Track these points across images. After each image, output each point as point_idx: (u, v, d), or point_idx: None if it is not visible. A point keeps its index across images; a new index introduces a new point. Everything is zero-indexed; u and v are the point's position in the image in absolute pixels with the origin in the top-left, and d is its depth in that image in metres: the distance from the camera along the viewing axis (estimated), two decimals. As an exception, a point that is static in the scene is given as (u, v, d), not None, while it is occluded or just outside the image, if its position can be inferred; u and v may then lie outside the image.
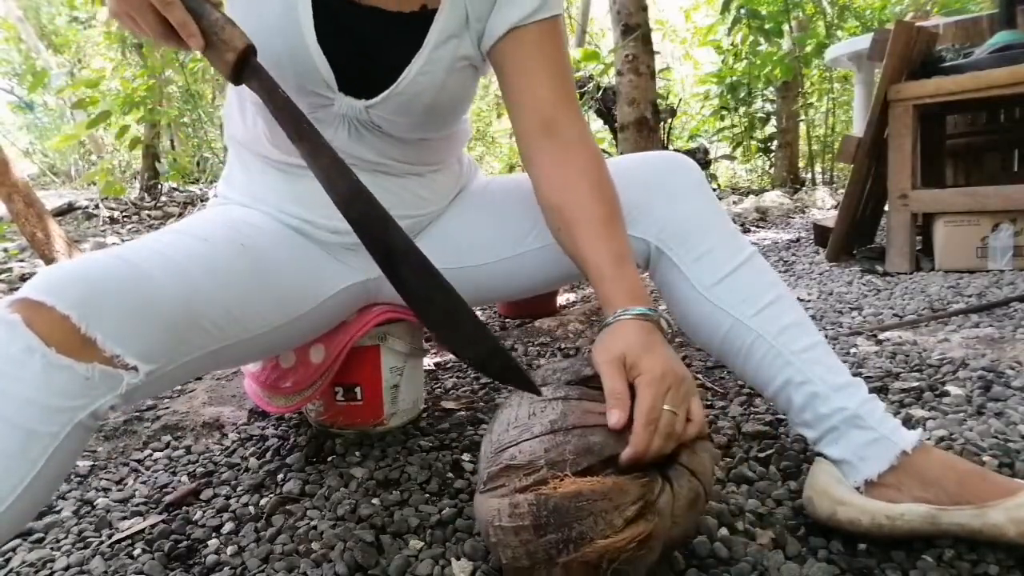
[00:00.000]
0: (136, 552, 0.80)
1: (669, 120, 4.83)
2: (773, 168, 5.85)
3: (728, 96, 5.64)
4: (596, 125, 5.18)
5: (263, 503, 0.89)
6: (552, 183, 0.76)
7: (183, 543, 0.80)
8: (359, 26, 0.76)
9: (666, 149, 4.46)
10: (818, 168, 6.07)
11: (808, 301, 1.83)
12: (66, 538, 0.85)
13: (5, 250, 3.30)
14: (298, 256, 0.84)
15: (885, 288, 1.90)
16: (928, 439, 0.91)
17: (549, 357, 1.50)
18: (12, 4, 7.69)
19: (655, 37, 3.36)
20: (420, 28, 0.76)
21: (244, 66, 0.66)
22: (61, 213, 4.44)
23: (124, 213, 4.62)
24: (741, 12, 4.61)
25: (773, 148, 5.78)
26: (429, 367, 1.46)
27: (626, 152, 3.15)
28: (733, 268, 0.79)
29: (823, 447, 0.75)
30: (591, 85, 4.22)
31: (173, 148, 5.85)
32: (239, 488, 0.94)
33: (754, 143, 5.90)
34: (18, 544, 0.84)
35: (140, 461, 1.07)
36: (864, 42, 2.71)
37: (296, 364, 0.99)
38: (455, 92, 0.81)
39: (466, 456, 0.98)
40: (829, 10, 5.44)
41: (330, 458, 1.01)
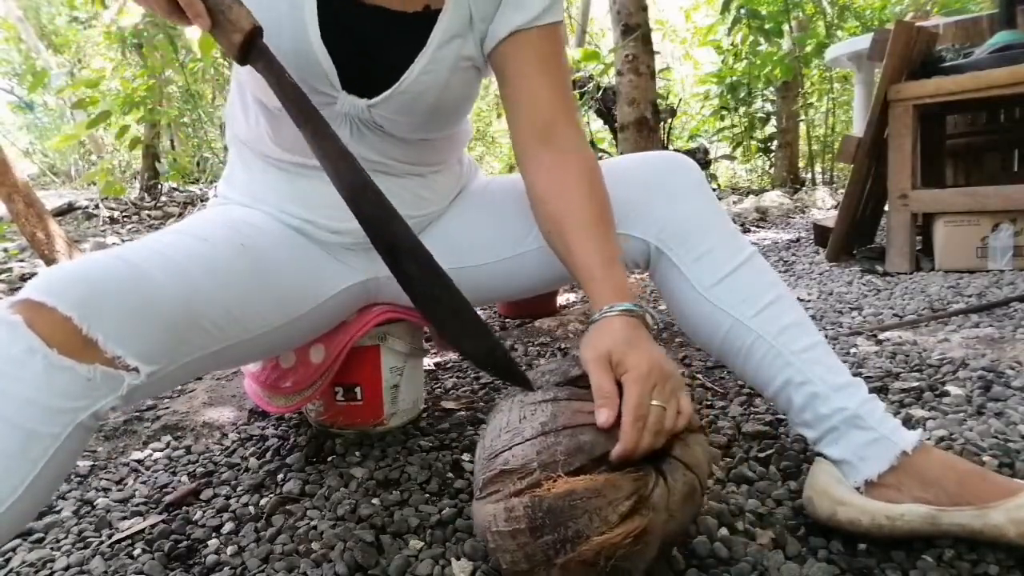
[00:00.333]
0: (136, 552, 0.80)
1: (669, 120, 4.82)
2: (773, 168, 5.85)
3: (728, 96, 5.63)
4: (596, 125, 5.19)
5: (263, 503, 0.89)
6: (547, 188, 0.76)
7: (183, 543, 0.80)
8: (363, 25, 0.76)
9: (666, 149, 4.46)
10: (818, 168, 6.07)
11: (808, 301, 1.83)
12: (66, 538, 0.85)
13: (5, 250, 3.30)
14: (298, 256, 0.84)
15: (885, 288, 1.90)
16: (928, 439, 0.91)
17: (549, 357, 1.50)
18: (12, 4, 7.69)
19: (655, 37, 3.36)
20: (423, 28, 0.76)
21: (251, 48, 0.66)
22: (61, 213, 4.44)
23: (124, 213, 4.62)
24: (741, 12, 4.61)
25: (773, 148, 5.78)
26: (429, 367, 1.46)
27: (626, 152, 3.15)
28: (733, 268, 0.79)
29: (823, 447, 0.75)
30: (591, 85, 4.21)
31: (173, 148, 5.85)
32: (239, 488, 0.94)
33: (754, 143, 5.89)
34: (18, 544, 0.84)
35: (140, 461, 1.07)
36: (864, 42, 2.71)
37: (296, 364, 0.99)
38: (458, 92, 0.81)
39: (466, 456, 0.99)
40: (829, 10, 5.44)
41: (330, 458, 1.01)
